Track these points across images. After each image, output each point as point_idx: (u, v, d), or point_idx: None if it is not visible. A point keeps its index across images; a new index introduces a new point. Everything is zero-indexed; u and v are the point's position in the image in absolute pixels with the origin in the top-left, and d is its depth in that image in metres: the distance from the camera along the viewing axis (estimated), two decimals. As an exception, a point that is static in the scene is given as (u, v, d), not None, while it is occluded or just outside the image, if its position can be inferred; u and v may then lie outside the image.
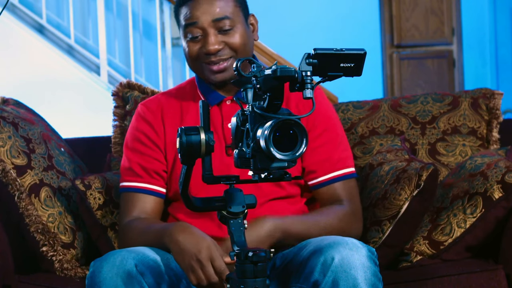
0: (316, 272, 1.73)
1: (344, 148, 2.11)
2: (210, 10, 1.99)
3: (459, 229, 2.22)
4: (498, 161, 2.25)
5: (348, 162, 2.10)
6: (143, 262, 1.78)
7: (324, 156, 2.06)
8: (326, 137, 2.07)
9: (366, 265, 1.72)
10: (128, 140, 2.13)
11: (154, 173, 2.08)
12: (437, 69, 6.23)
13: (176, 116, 2.10)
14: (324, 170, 2.06)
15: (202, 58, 2.02)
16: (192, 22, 2.00)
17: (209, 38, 1.99)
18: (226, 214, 1.62)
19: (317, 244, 1.80)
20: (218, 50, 2.00)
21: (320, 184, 2.07)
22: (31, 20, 5.18)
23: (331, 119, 2.11)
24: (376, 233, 2.20)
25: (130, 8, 5.25)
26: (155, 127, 2.10)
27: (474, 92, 2.59)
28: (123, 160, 2.13)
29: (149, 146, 2.09)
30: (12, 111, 2.37)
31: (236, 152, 1.52)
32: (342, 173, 2.07)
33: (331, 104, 2.17)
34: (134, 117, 2.15)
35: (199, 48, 2.01)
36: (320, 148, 2.06)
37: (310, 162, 2.06)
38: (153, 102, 2.14)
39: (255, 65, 1.48)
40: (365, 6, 6.20)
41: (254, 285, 1.54)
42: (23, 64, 4.91)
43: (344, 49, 1.41)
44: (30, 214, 2.22)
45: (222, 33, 2.00)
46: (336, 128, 2.11)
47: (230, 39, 2.00)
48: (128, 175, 2.09)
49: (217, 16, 1.99)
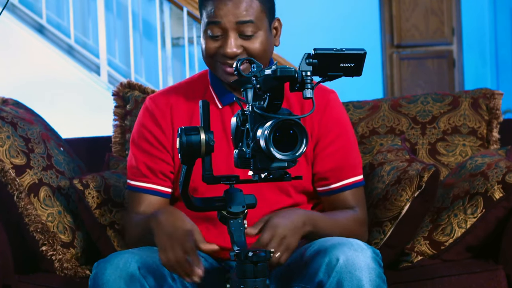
0: (321, 273, 1.72)
1: (356, 155, 2.09)
2: (235, 11, 1.92)
3: (459, 229, 2.22)
4: (498, 161, 2.25)
5: (359, 169, 2.08)
6: (146, 265, 1.77)
7: (337, 164, 2.04)
8: (339, 143, 2.05)
9: (371, 266, 1.71)
10: (135, 137, 2.09)
11: (161, 173, 2.05)
12: (437, 69, 6.23)
13: (185, 115, 2.06)
14: (336, 177, 2.04)
15: (218, 57, 1.97)
16: (215, 21, 1.93)
17: (229, 41, 1.93)
18: (226, 214, 1.62)
19: (321, 245, 1.79)
20: (237, 54, 1.94)
21: (331, 191, 2.05)
22: (31, 20, 5.18)
23: (344, 125, 2.08)
24: (377, 234, 2.20)
25: (130, 8, 5.25)
26: (163, 127, 2.05)
27: (474, 92, 2.59)
28: (130, 157, 2.09)
29: (156, 147, 2.05)
30: (11, 111, 2.37)
31: (236, 152, 1.52)
32: (353, 181, 2.06)
33: (345, 110, 2.14)
34: (142, 112, 2.09)
35: (217, 47, 1.96)
36: (333, 155, 2.03)
37: (323, 169, 2.04)
38: (162, 98, 2.08)
39: (255, 65, 1.48)
40: (365, 6, 6.19)
41: (254, 285, 1.54)
42: (23, 64, 4.90)
43: (344, 49, 1.41)
44: (29, 214, 2.22)
45: (243, 37, 1.95)
46: (349, 134, 2.08)
47: (250, 44, 1.95)
48: (135, 174, 2.06)
49: (241, 19, 1.93)
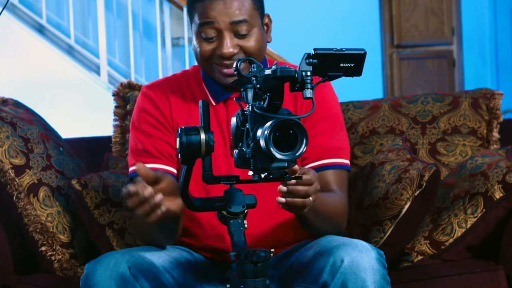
0: (325, 274, 1.71)
1: (340, 138, 2.02)
2: (228, 11, 1.89)
3: (460, 229, 2.22)
4: (499, 161, 2.25)
5: (342, 153, 2.01)
6: (137, 265, 1.76)
7: (318, 144, 1.98)
8: (322, 126, 2.00)
9: (376, 267, 1.70)
10: (137, 123, 2.03)
11: (168, 155, 1.99)
12: (437, 69, 6.23)
13: (182, 100, 2.03)
14: (316, 156, 1.98)
15: (214, 59, 1.94)
16: (208, 22, 1.90)
17: (224, 41, 1.90)
18: (226, 214, 1.62)
19: (325, 245, 1.78)
20: (233, 54, 1.92)
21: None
22: (31, 20, 5.18)
23: (330, 109, 2.04)
24: (377, 233, 2.19)
25: (130, 8, 5.24)
26: (164, 111, 2.01)
27: (474, 92, 2.59)
28: (133, 142, 2.02)
29: (160, 129, 2.00)
30: (11, 111, 2.37)
31: (236, 152, 1.52)
32: (333, 162, 1.99)
33: (337, 98, 2.09)
34: (140, 99, 2.04)
35: (212, 49, 1.93)
36: (314, 137, 1.96)
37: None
38: (159, 86, 2.05)
39: (255, 65, 1.48)
40: (365, 6, 6.19)
41: (254, 285, 1.54)
42: (23, 64, 4.90)
43: (344, 49, 1.40)
44: (28, 214, 2.22)
45: (238, 36, 1.91)
46: (335, 119, 2.03)
47: (246, 43, 1.92)
48: (144, 156, 1.98)
49: (235, 19, 1.90)
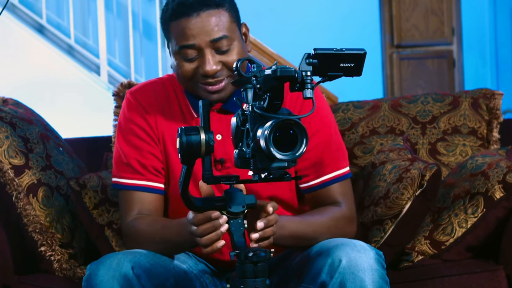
0: (324, 273, 1.71)
1: (338, 148, 2.01)
2: (207, 29, 1.85)
3: (460, 229, 2.22)
4: (499, 161, 2.25)
5: (342, 162, 2.01)
6: (139, 265, 1.76)
7: (316, 159, 1.97)
8: (318, 138, 1.97)
9: (374, 267, 1.70)
10: (122, 130, 2.00)
11: (153, 169, 1.98)
12: (437, 69, 6.23)
13: (167, 107, 1.99)
14: (316, 173, 1.98)
15: (198, 78, 1.90)
16: (188, 45, 1.86)
17: (206, 59, 1.86)
18: (226, 214, 1.62)
19: (323, 245, 1.78)
20: (217, 71, 1.88)
21: (312, 188, 1.99)
22: (31, 20, 5.18)
23: (323, 118, 2.00)
24: (377, 232, 2.19)
25: (130, 8, 5.25)
26: (149, 121, 1.98)
27: (474, 92, 2.59)
28: (117, 153, 2.00)
29: (146, 141, 1.98)
30: (10, 111, 2.36)
31: (236, 152, 1.52)
32: (335, 175, 1.98)
33: (326, 103, 2.06)
34: (126, 106, 2.01)
35: (194, 68, 1.89)
36: (312, 151, 1.94)
37: (302, 166, 1.97)
38: (142, 92, 2.01)
39: (255, 65, 1.48)
40: (365, 6, 6.19)
41: (254, 285, 1.54)
42: (23, 64, 4.90)
43: (344, 49, 1.40)
44: (28, 214, 2.22)
45: (219, 53, 1.87)
46: (329, 127, 2.01)
47: (228, 58, 1.88)
48: (125, 171, 1.98)
49: (214, 36, 1.85)
